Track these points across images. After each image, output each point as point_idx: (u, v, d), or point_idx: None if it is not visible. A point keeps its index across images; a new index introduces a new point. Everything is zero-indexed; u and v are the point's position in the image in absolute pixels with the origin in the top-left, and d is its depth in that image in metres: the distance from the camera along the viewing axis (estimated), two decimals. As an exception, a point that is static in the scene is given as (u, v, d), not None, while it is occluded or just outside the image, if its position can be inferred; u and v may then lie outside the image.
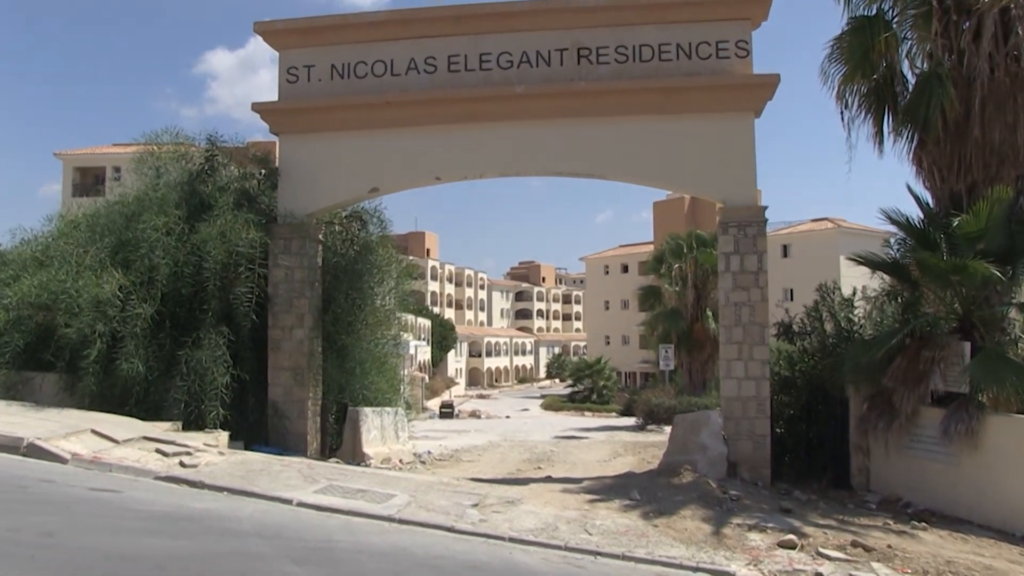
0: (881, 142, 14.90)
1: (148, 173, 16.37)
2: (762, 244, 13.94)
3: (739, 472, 13.30)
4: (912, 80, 14.66)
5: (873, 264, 14.02)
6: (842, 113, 15.06)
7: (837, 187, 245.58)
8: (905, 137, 14.43)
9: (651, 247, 68.36)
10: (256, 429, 14.90)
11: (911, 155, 14.55)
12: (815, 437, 14.43)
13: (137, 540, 7.39)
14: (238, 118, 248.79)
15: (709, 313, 35.76)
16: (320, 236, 16.30)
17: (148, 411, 13.84)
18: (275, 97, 15.72)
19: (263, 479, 10.68)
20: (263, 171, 16.45)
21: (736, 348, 13.75)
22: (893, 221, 13.51)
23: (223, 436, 13.11)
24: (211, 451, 11.92)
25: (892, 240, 14.21)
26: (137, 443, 11.68)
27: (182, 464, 10.99)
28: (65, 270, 14.26)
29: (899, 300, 14.04)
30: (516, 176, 16.10)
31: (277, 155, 16.24)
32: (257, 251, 14.73)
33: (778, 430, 14.55)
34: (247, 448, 13.84)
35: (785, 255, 58.66)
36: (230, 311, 14.59)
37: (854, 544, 9.49)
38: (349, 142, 15.34)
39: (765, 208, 14.06)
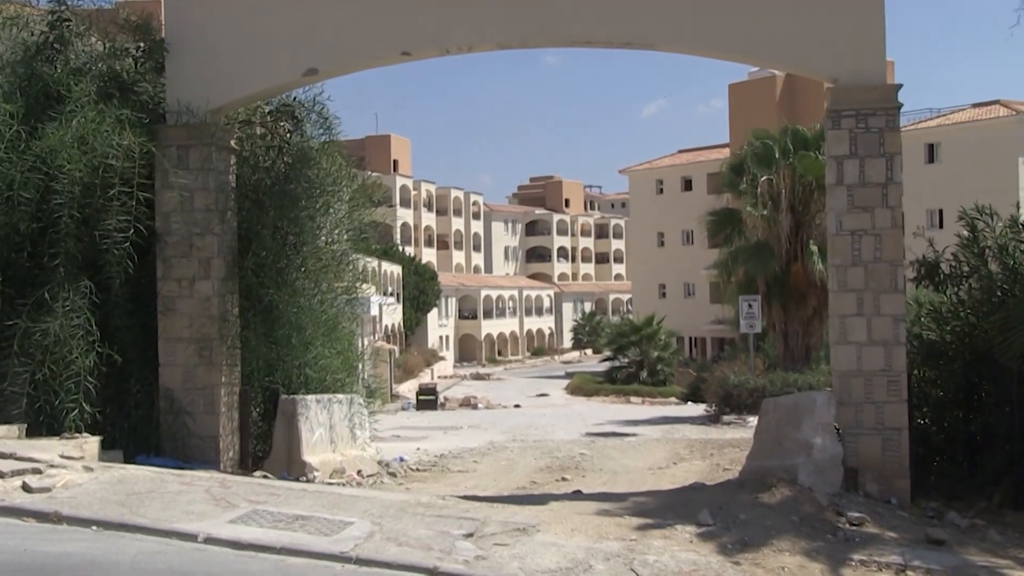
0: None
1: (-43, 47, 16.06)
2: (893, 142, 13.82)
3: (862, 483, 13.32)
4: None
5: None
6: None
7: (1008, 60, 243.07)
8: None
9: (725, 152, 68.07)
10: (142, 432, 14.93)
11: None
12: (979, 431, 14.42)
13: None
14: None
15: (813, 248, 35.50)
16: (233, 142, 16.20)
17: (-32, 411, 13.76)
18: (152, -72, 15.52)
19: (153, 505, 10.69)
20: (142, 46, 16.27)
21: (854, 298, 13.72)
22: None
23: (91, 444, 13.09)
24: (73, 466, 11.87)
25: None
26: (-46, 458, 11.61)
27: (26, 488, 10.94)
28: None
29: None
30: (522, 48, 15.87)
31: (163, 21, 16.04)
32: (136, 165, 14.57)
33: (921, 420, 14.56)
34: (129, 460, 13.85)
35: (931, 159, 58.25)
36: (96, 257, 14.45)
37: (1049, 596, 9.43)
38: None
39: (898, 88, 13.90)
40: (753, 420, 23.92)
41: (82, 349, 13.71)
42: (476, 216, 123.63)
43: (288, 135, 17.61)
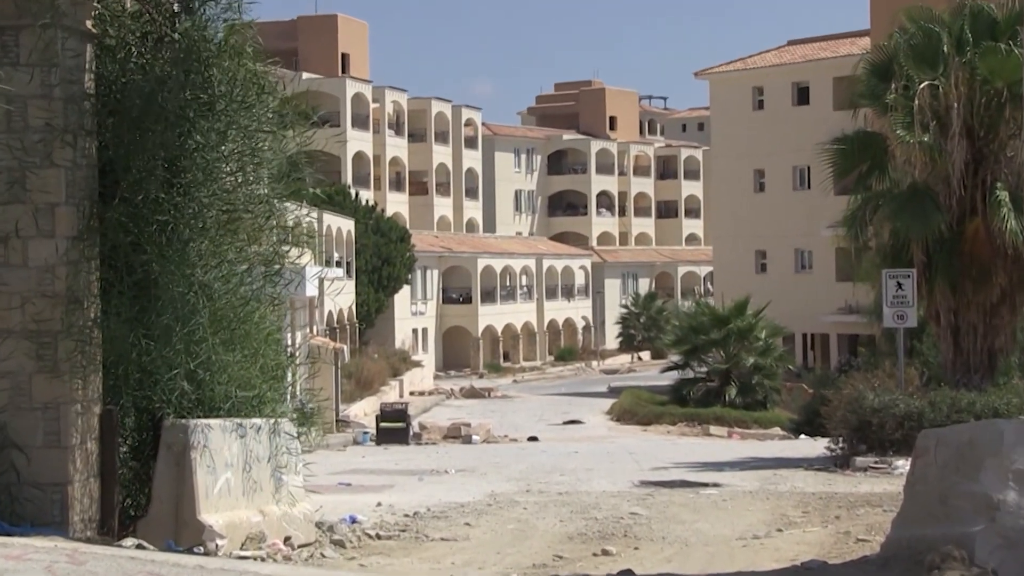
0: None
1: None
2: None
3: (1078, 565, 13.13)
4: None
5: None
6: None
7: None
8: None
9: (863, 43, 67.79)
10: (-54, 476, 14.90)
11: None
12: None
13: None
14: None
15: (1002, 194, 35.32)
16: (90, 24, 16.12)
17: None
18: None
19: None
20: None
21: (1068, 275, 13.49)
22: None
23: None
24: None
25: None
26: None
27: None
28: None
29: None
30: None
31: None
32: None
33: None
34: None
35: None
36: None
37: None
38: None
39: None
40: (902, 464, 23.85)
41: None
42: (471, 143, 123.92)
43: (174, 15, 17.44)
